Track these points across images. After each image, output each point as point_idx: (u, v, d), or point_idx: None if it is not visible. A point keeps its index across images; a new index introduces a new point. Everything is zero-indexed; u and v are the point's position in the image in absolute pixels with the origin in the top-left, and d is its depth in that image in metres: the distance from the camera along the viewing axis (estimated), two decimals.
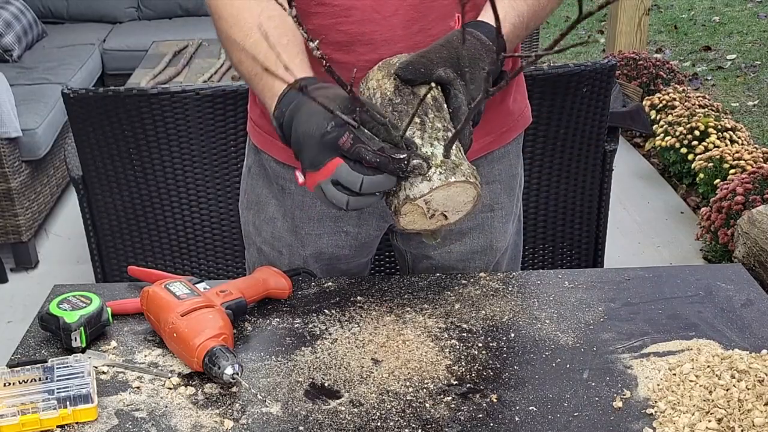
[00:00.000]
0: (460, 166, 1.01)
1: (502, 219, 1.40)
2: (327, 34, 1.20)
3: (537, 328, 1.16)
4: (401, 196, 1.01)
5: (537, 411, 1.00)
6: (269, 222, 1.40)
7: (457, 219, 1.06)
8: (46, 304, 1.18)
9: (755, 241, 2.68)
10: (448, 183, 1.00)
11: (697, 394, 1.00)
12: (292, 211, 1.37)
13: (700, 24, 6.38)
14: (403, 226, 1.05)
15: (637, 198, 3.72)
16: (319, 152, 0.99)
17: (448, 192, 1.01)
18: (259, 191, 1.40)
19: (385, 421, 0.99)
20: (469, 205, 1.05)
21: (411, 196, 1.00)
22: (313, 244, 1.38)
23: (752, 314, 1.18)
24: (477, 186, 1.02)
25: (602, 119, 2.37)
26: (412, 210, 1.02)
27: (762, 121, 4.63)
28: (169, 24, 5.12)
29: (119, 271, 2.50)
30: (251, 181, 1.42)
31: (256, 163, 1.41)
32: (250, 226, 1.44)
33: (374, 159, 0.96)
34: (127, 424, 0.99)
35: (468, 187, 1.02)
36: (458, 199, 1.03)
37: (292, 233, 1.38)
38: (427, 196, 1.00)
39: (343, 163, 0.98)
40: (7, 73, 3.59)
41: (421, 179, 1.00)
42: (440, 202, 1.02)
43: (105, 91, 2.24)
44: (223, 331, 1.07)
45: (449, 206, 1.04)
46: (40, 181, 3.50)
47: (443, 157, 1.01)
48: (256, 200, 1.41)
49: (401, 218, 1.03)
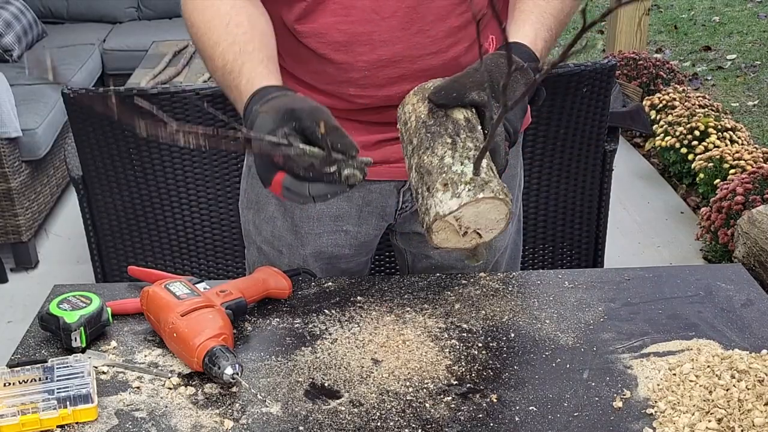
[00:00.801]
0: (490, 183, 1.02)
1: None
2: (326, 34, 1.21)
3: (537, 328, 1.16)
4: (432, 213, 1.02)
5: (537, 411, 1.00)
6: (269, 221, 1.40)
7: (492, 237, 1.06)
8: (46, 304, 1.18)
9: (755, 241, 2.68)
10: (476, 199, 1.00)
11: (697, 394, 1.00)
12: (292, 210, 1.37)
13: (700, 24, 6.38)
14: (437, 244, 1.05)
15: (637, 198, 3.72)
16: (265, 170, 1.03)
17: (477, 209, 1.02)
18: (259, 190, 1.40)
19: (385, 421, 0.99)
20: (502, 222, 1.05)
21: (441, 212, 1.01)
22: (312, 243, 1.38)
23: (752, 314, 1.18)
24: (507, 202, 1.02)
25: (602, 119, 2.37)
26: (443, 227, 1.03)
27: (762, 121, 4.63)
28: (169, 24, 5.12)
29: (119, 271, 2.50)
30: (251, 180, 1.42)
31: None
32: (250, 225, 1.44)
33: (306, 174, 0.99)
34: (127, 424, 0.99)
35: (498, 204, 1.02)
36: (489, 216, 1.03)
37: (292, 232, 1.38)
38: (456, 213, 1.01)
39: (287, 176, 1.01)
40: (7, 73, 3.58)
41: (450, 196, 1.01)
42: (471, 219, 1.03)
43: (105, 91, 2.24)
44: (223, 331, 1.07)
45: (481, 223, 1.04)
46: (40, 181, 3.50)
47: (473, 174, 1.01)
48: (256, 199, 1.41)
49: (434, 235, 1.04)
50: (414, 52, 1.22)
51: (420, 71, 1.22)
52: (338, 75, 1.24)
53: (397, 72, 1.23)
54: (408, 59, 1.22)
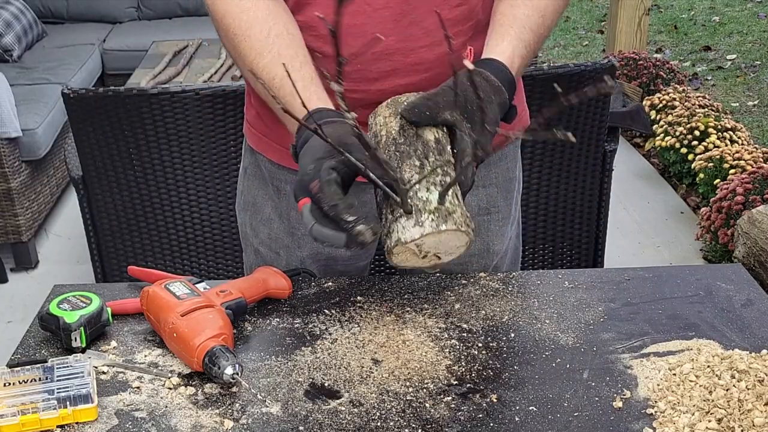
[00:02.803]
0: (453, 213, 1.04)
1: (498, 222, 1.40)
2: (318, 26, 1.20)
3: (537, 328, 1.16)
4: (393, 238, 1.04)
5: (537, 411, 1.00)
6: (266, 223, 1.40)
7: (449, 260, 1.10)
8: (46, 304, 1.18)
9: (755, 241, 2.68)
10: (438, 231, 1.03)
11: (697, 394, 1.00)
12: (288, 212, 1.37)
13: (700, 24, 6.38)
14: (396, 264, 1.08)
15: (637, 198, 3.72)
16: (299, 188, 1.04)
17: (439, 238, 1.04)
18: (255, 192, 1.40)
19: (385, 421, 0.99)
20: (462, 248, 1.08)
21: (402, 239, 1.04)
22: (309, 245, 1.38)
23: (752, 314, 1.18)
24: (469, 233, 1.05)
25: (602, 119, 2.37)
26: (403, 251, 1.06)
27: (762, 121, 4.63)
28: (169, 24, 5.12)
29: (119, 271, 2.50)
30: (247, 182, 1.42)
31: (251, 165, 1.41)
32: (247, 228, 1.44)
33: (328, 212, 1.00)
34: (127, 424, 0.99)
35: (460, 235, 1.05)
36: (450, 243, 1.06)
37: (289, 234, 1.38)
38: (418, 241, 1.03)
39: (308, 204, 1.02)
40: (7, 73, 3.58)
41: (413, 224, 1.03)
42: (432, 245, 1.06)
43: (105, 91, 2.24)
44: (223, 331, 1.07)
45: (441, 249, 1.07)
46: (40, 181, 3.50)
47: (438, 203, 1.03)
48: (252, 202, 1.41)
49: (394, 257, 1.07)
50: (407, 44, 1.21)
51: (413, 65, 1.21)
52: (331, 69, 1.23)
53: (390, 65, 1.22)
54: (401, 52, 1.21)
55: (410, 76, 1.20)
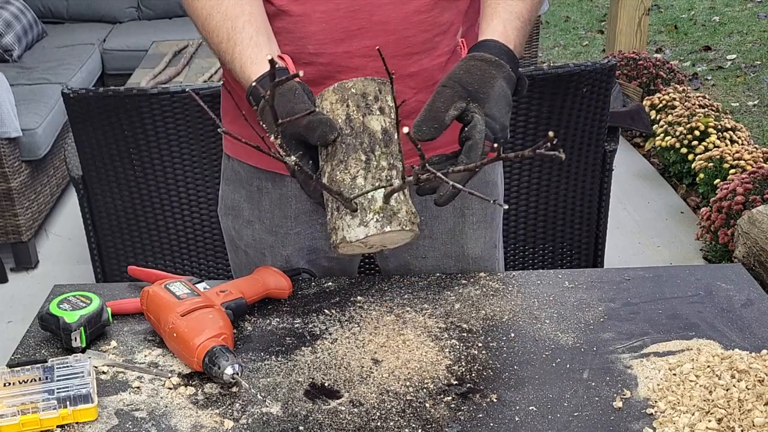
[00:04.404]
0: (398, 213, 1.04)
1: (473, 225, 1.39)
2: None
3: (537, 328, 1.16)
4: (338, 235, 1.05)
5: (537, 411, 1.00)
6: (247, 226, 1.40)
7: (395, 247, 1.12)
8: (46, 304, 1.18)
9: (755, 241, 2.68)
10: (383, 232, 1.04)
11: (697, 394, 1.00)
12: (271, 211, 1.37)
13: (700, 24, 6.38)
14: (340, 254, 1.09)
15: (637, 198, 3.72)
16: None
17: (383, 237, 1.05)
18: (233, 196, 1.41)
19: (385, 421, 0.99)
20: (407, 240, 1.10)
21: (347, 238, 1.04)
22: (292, 242, 1.38)
23: (752, 314, 1.18)
24: (414, 230, 1.06)
25: (602, 119, 2.37)
26: (349, 247, 1.07)
27: (762, 121, 4.63)
28: (169, 24, 5.11)
29: (119, 271, 2.50)
30: (226, 186, 1.43)
31: (228, 169, 1.42)
32: (232, 231, 1.44)
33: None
34: (127, 424, 0.99)
35: (404, 233, 1.06)
36: (395, 238, 1.08)
37: (271, 234, 1.38)
38: (363, 240, 1.04)
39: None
40: (7, 73, 3.58)
41: (358, 223, 1.04)
42: (377, 241, 1.07)
43: (105, 91, 2.23)
44: (223, 331, 1.07)
45: (387, 243, 1.09)
46: (40, 181, 3.50)
47: (383, 202, 1.04)
48: (232, 205, 1.42)
49: (339, 251, 1.08)
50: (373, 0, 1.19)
51: (379, 23, 1.20)
52: (297, 30, 1.22)
53: (356, 24, 1.20)
54: (366, 9, 1.19)
55: (377, 38, 1.19)
